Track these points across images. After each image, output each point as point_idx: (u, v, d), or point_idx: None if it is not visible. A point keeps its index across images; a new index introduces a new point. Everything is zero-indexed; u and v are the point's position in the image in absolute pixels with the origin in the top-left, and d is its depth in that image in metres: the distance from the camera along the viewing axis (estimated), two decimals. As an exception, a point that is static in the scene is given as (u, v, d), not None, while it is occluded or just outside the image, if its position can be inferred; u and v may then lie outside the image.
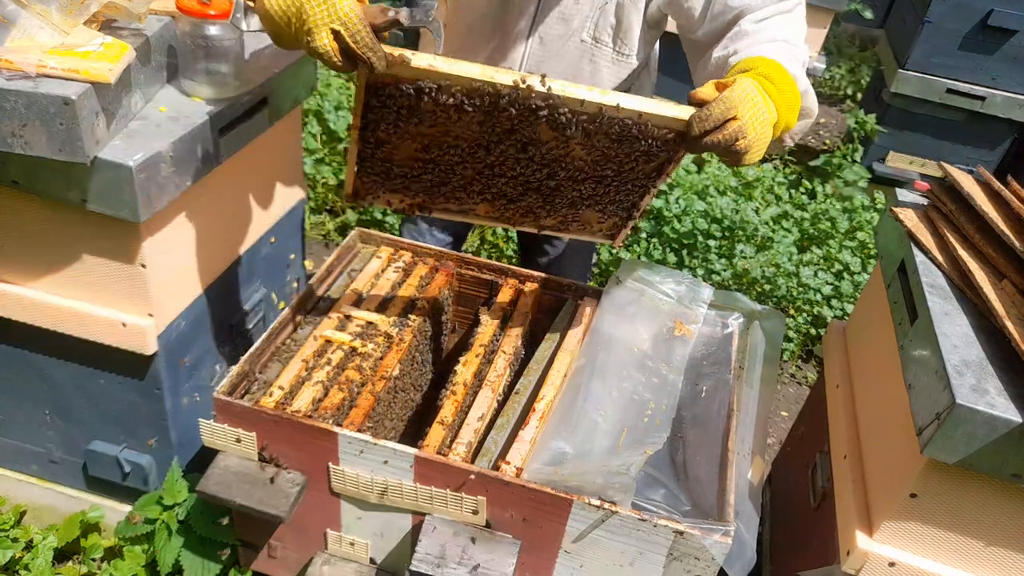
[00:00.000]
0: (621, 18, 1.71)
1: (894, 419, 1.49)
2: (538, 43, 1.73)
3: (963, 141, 4.05)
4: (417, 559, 1.43)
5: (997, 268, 1.49)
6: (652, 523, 1.38)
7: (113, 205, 1.44)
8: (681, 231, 3.36)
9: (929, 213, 1.72)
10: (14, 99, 1.31)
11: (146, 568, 1.84)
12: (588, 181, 1.50)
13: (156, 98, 1.61)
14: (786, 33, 1.51)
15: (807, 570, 1.62)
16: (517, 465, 1.47)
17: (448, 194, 1.53)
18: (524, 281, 1.98)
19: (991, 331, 1.39)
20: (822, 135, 5.39)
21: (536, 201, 1.55)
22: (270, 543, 1.73)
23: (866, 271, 3.41)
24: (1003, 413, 1.21)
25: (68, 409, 1.81)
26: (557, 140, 1.39)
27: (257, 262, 2.01)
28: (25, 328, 1.67)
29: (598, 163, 1.45)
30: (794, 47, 1.48)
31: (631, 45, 1.75)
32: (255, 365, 1.66)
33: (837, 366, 1.91)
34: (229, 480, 1.54)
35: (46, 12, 1.38)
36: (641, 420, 1.56)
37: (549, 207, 1.56)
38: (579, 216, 1.60)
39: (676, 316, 1.82)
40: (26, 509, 2.00)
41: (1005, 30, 3.70)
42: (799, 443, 2.10)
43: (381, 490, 1.51)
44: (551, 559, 1.50)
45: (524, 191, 1.52)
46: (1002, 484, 1.29)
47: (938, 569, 1.41)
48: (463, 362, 1.74)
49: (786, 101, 1.36)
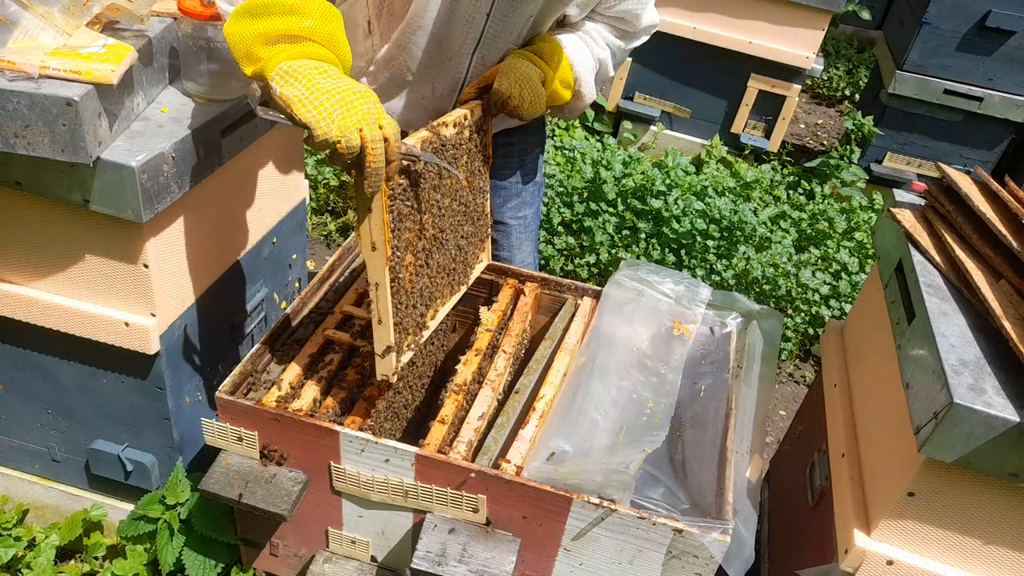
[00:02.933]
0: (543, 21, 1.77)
1: (892, 418, 1.50)
2: (480, 62, 1.76)
3: (961, 142, 4.07)
4: (418, 557, 1.43)
5: (994, 268, 1.50)
6: (651, 521, 1.39)
7: (115, 205, 1.44)
8: (680, 231, 3.37)
9: (927, 213, 1.73)
10: (17, 100, 1.32)
11: (148, 567, 1.85)
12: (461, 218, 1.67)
13: (158, 99, 1.61)
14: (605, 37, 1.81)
15: (805, 568, 1.62)
16: (517, 463, 1.48)
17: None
18: (524, 281, 1.99)
19: (988, 331, 1.40)
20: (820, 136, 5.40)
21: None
22: (272, 541, 1.74)
23: (864, 271, 3.42)
24: (1000, 412, 1.22)
25: (71, 408, 1.82)
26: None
27: (259, 262, 2.02)
28: (28, 328, 1.68)
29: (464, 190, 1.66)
30: (599, 47, 1.79)
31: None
32: (257, 364, 1.67)
33: (835, 365, 1.92)
34: (231, 479, 1.55)
35: (48, 14, 1.39)
36: (640, 419, 1.57)
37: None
38: (467, 259, 1.75)
39: (675, 316, 1.83)
40: (28, 508, 2.01)
41: (1003, 31, 3.72)
42: (797, 442, 2.10)
43: (382, 488, 1.52)
44: (551, 557, 1.51)
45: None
46: (1000, 483, 1.30)
47: (936, 567, 1.41)
48: (463, 361, 1.75)
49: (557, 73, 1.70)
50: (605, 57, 1.82)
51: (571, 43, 1.76)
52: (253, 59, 1.25)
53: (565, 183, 3.60)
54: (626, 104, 4.40)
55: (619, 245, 3.42)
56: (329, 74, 1.25)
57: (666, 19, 4.08)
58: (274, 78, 1.24)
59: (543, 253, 3.41)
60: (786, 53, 4.05)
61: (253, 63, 1.25)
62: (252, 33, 1.24)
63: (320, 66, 1.26)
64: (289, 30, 1.25)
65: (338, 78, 1.26)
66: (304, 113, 1.20)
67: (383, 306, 1.41)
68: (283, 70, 1.24)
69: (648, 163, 3.82)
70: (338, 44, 1.30)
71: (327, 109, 1.20)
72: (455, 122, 1.59)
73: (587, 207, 3.50)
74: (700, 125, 4.43)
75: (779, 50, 4.05)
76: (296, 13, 1.25)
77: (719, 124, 4.39)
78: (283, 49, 1.25)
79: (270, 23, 1.24)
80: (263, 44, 1.24)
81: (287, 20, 1.25)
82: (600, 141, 4.13)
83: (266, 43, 1.25)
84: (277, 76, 1.24)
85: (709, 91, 4.31)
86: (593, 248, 3.39)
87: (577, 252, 3.43)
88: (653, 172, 3.67)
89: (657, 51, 4.17)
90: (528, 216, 2.15)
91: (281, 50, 1.25)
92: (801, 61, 4.05)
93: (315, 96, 1.21)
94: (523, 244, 2.17)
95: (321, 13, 1.28)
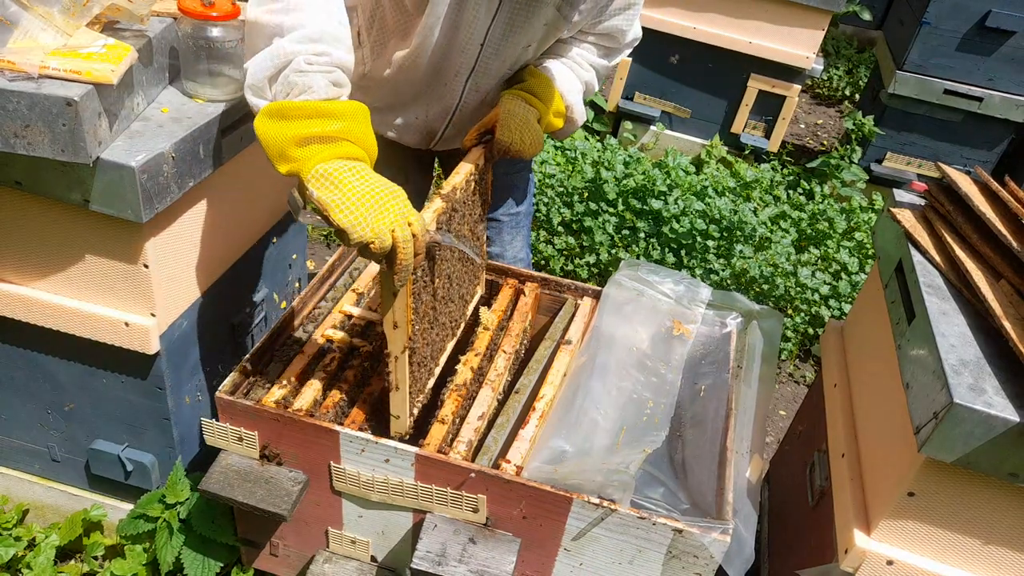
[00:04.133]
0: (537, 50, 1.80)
1: (892, 418, 1.50)
2: (473, 89, 1.80)
3: (961, 142, 4.07)
4: (418, 557, 1.43)
5: (994, 268, 1.50)
6: (651, 521, 1.39)
7: (115, 205, 1.44)
8: (680, 231, 3.37)
9: (927, 213, 1.73)
10: (16, 100, 1.32)
11: (147, 567, 1.84)
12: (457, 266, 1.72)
13: (158, 99, 1.61)
14: (589, 60, 1.86)
15: (805, 568, 1.63)
16: (517, 463, 1.48)
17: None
18: (524, 281, 1.99)
19: (988, 331, 1.40)
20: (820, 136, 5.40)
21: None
22: (272, 541, 1.74)
23: (864, 271, 3.42)
24: (1000, 412, 1.22)
25: (71, 408, 1.82)
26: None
27: (259, 262, 2.02)
28: (28, 328, 1.68)
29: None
30: (584, 70, 1.85)
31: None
32: (257, 364, 1.67)
33: (835, 365, 1.92)
34: (231, 479, 1.55)
35: (48, 14, 1.38)
36: (640, 419, 1.57)
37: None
38: (465, 300, 1.80)
39: (675, 316, 1.83)
40: (28, 508, 2.01)
41: (1003, 31, 3.72)
42: (797, 442, 2.10)
43: (382, 488, 1.52)
44: (551, 557, 1.51)
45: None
46: (1000, 483, 1.30)
47: (936, 567, 1.41)
48: (463, 361, 1.75)
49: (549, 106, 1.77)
50: (591, 78, 1.88)
51: (559, 72, 1.81)
52: (287, 159, 1.27)
53: (565, 183, 3.60)
54: (626, 104, 4.40)
55: (619, 245, 3.42)
56: (361, 175, 1.28)
57: (666, 19, 4.08)
58: (310, 181, 1.27)
59: (543, 253, 3.42)
60: (786, 53, 4.05)
61: (287, 163, 1.28)
62: (285, 136, 1.26)
63: (353, 167, 1.29)
64: (322, 132, 1.28)
65: (369, 179, 1.29)
66: (341, 219, 1.24)
67: (401, 375, 1.47)
68: (318, 174, 1.27)
69: (648, 163, 3.83)
70: (367, 140, 1.34)
71: (362, 214, 1.25)
72: (464, 183, 1.65)
73: (587, 207, 3.51)
74: (700, 125, 4.43)
75: (779, 50, 4.05)
76: (328, 116, 1.28)
77: (719, 124, 4.39)
78: (317, 151, 1.27)
79: (303, 126, 1.26)
80: (296, 146, 1.27)
81: (319, 123, 1.27)
82: (600, 141, 4.13)
83: (299, 145, 1.27)
84: (313, 180, 1.27)
85: (709, 91, 4.32)
86: (593, 248, 3.39)
87: (577, 252, 3.44)
88: (654, 172, 3.67)
89: (657, 51, 4.18)
90: (520, 212, 2.17)
91: (315, 152, 1.27)
92: (801, 61, 4.05)
93: (350, 202, 1.24)
94: (515, 239, 2.20)
95: (351, 113, 1.32)
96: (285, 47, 1.29)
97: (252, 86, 1.32)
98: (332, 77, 1.33)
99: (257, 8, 1.32)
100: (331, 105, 1.29)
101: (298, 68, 1.28)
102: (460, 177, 1.64)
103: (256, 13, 1.32)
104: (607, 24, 1.79)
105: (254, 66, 1.31)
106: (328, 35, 1.33)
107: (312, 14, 1.32)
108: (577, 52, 1.85)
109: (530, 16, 1.64)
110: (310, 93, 1.29)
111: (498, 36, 1.67)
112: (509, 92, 1.75)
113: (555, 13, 1.67)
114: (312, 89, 1.29)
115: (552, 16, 1.67)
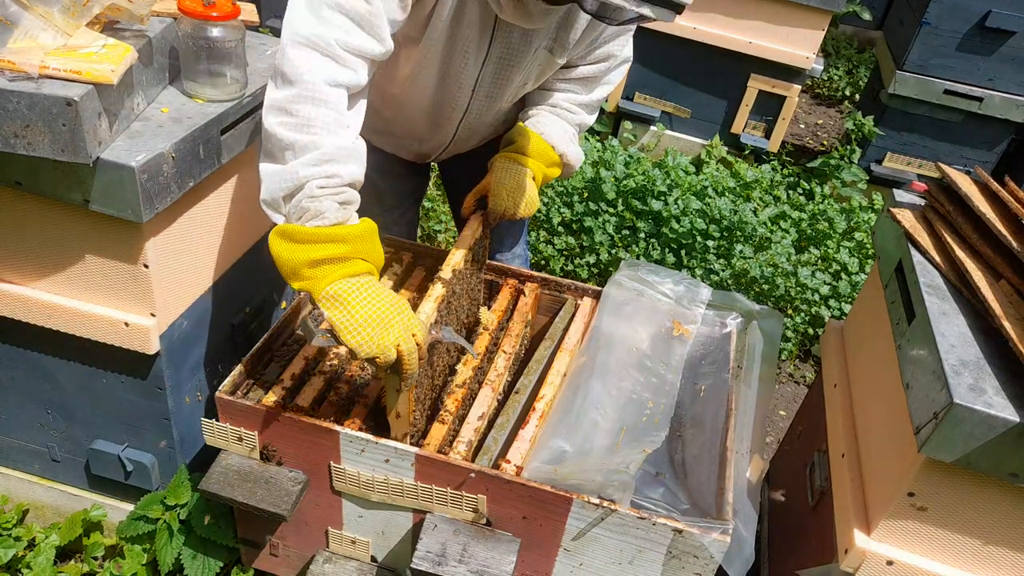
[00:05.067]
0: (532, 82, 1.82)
1: (892, 418, 1.50)
2: (468, 124, 1.84)
3: (961, 142, 4.07)
4: (418, 557, 1.43)
5: (994, 268, 1.50)
6: (651, 521, 1.39)
7: (115, 205, 1.44)
8: (680, 231, 3.37)
9: (927, 214, 1.73)
10: (16, 100, 1.32)
11: (147, 567, 1.84)
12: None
13: (158, 99, 1.61)
14: (574, 100, 1.87)
15: (805, 568, 1.63)
16: (517, 464, 1.48)
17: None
18: (524, 281, 1.99)
19: (988, 331, 1.40)
20: (820, 136, 5.40)
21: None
22: (272, 541, 1.74)
23: (864, 271, 3.42)
24: (1001, 412, 1.22)
25: (71, 408, 1.82)
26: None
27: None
28: (28, 328, 1.68)
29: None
30: (573, 114, 1.87)
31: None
32: (257, 364, 1.67)
33: (835, 365, 1.92)
34: (231, 479, 1.55)
35: (48, 14, 1.38)
36: (640, 419, 1.57)
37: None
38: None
39: (675, 316, 1.83)
40: (28, 508, 2.01)
41: (1003, 31, 3.71)
42: (797, 442, 2.10)
43: (382, 488, 1.52)
44: (551, 557, 1.51)
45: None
46: (1000, 483, 1.30)
47: (936, 567, 1.41)
48: (463, 361, 1.75)
49: (542, 161, 1.82)
50: (582, 119, 1.90)
51: (548, 123, 1.83)
52: (300, 278, 1.35)
53: (565, 183, 3.60)
54: (626, 104, 4.40)
55: (619, 245, 3.42)
56: (367, 292, 1.36)
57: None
58: (322, 301, 1.35)
59: (543, 253, 3.42)
60: (786, 53, 4.05)
61: (300, 281, 1.35)
62: (298, 259, 1.33)
63: (360, 284, 1.36)
64: (332, 255, 1.34)
65: (375, 295, 1.36)
66: (349, 340, 1.34)
67: (399, 433, 1.52)
68: (328, 295, 1.35)
69: (648, 163, 3.83)
70: (375, 255, 1.41)
71: (368, 335, 1.34)
72: (463, 262, 1.73)
73: (587, 207, 3.51)
74: (700, 125, 4.43)
75: (779, 50, 4.05)
76: (337, 240, 1.35)
77: (719, 124, 4.39)
78: (327, 272, 1.34)
79: (314, 250, 1.33)
80: (307, 267, 1.34)
81: (330, 248, 1.34)
82: (601, 142, 4.13)
83: (310, 267, 1.34)
84: (324, 300, 1.35)
85: (709, 91, 4.31)
86: (593, 248, 3.39)
87: (577, 252, 3.44)
88: (654, 172, 3.67)
89: (657, 51, 4.18)
90: None
91: (325, 274, 1.34)
92: (801, 61, 4.05)
93: (357, 323, 1.34)
94: (514, 239, 2.23)
95: (358, 234, 1.38)
96: (299, 171, 1.33)
97: (267, 201, 1.37)
98: (342, 197, 1.37)
99: (272, 119, 1.35)
100: (341, 230, 1.35)
101: (310, 194, 1.33)
102: (459, 257, 1.71)
103: (271, 124, 1.35)
104: (599, 51, 1.79)
105: (268, 181, 1.35)
106: (341, 152, 1.36)
107: (325, 133, 1.34)
108: (562, 97, 1.86)
109: (520, 62, 1.68)
110: (321, 219, 1.34)
111: (488, 83, 1.71)
112: (500, 156, 1.81)
113: (546, 55, 1.69)
114: (323, 215, 1.34)
115: (544, 58, 1.69)
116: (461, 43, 1.59)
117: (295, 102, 1.32)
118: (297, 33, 1.32)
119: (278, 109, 1.33)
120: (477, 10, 1.54)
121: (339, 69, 1.34)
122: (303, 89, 1.31)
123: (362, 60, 1.38)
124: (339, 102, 1.35)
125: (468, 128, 1.84)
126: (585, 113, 1.90)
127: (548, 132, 1.82)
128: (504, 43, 1.62)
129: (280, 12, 4.26)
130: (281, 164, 1.34)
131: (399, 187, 2.11)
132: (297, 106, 1.32)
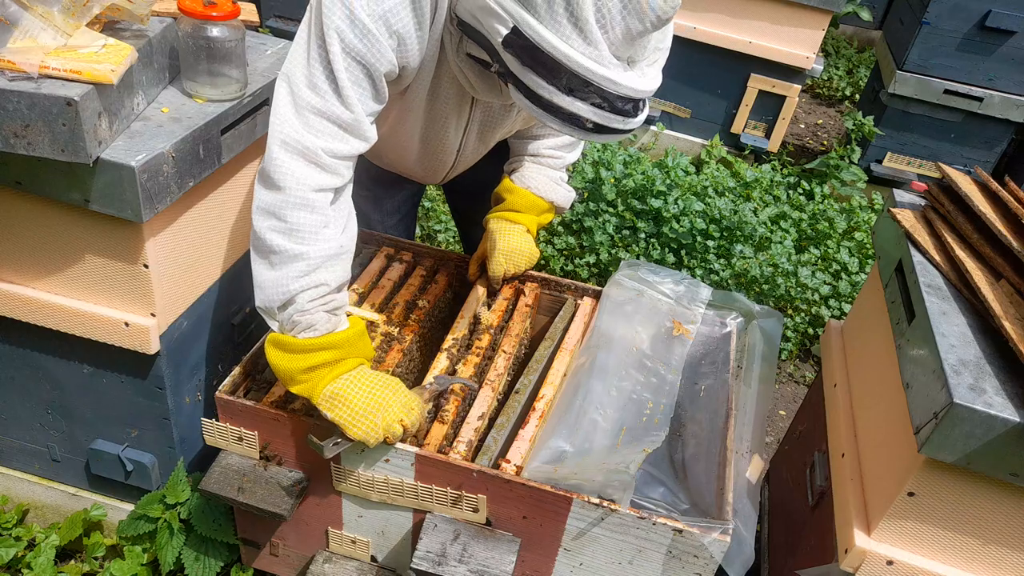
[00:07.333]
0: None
1: (892, 418, 1.50)
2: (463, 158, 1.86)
3: (960, 142, 4.06)
4: (418, 557, 1.43)
5: (994, 268, 1.50)
6: (651, 521, 1.39)
7: (115, 205, 1.44)
8: (680, 231, 3.37)
9: (927, 213, 1.73)
10: (16, 100, 1.32)
11: (147, 567, 1.85)
12: None
13: (158, 99, 1.61)
14: (558, 142, 1.92)
15: (805, 568, 1.63)
16: (517, 463, 1.48)
17: None
18: (524, 281, 1.99)
19: (988, 331, 1.40)
20: (820, 136, 5.40)
21: None
22: (272, 541, 1.74)
23: (864, 271, 3.42)
24: (1001, 412, 1.22)
25: (71, 408, 1.82)
26: None
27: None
28: (28, 328, 1.68)
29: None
30: (556, 159, 1.93)
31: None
32: (257, 364, 1.67)
33: (835, 365, 1.92)
34: (231, 478, 1.55)
35: (48, 14, 1.38)
36: (640, 419, 1.57)
37: None
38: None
39: (675, 316, 1.83)
40: (28, 508, 2.01)
41: (1003, 31, 3.71)
42: (797, 442, 2.10)
43: (382, 488, 1.52)
44: (551, 557, 1.51)
45: None
46: (1000, 483, 1.30)
47: (936, 567, 1.41)
48: (463, 362, 1.75)
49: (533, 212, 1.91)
50: (564, 161, 1.95)
51: (534, 175, 1.90)
52: (296, 383, 1.43)
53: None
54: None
55: (619, 245, 3.42)
56: (362, 383, 1.44)
57: (666, 19, 4.07)
58: (321, 404, 1.43)
59: (543, 253, 3.42)
60: (786, 53, 4.05)
61: (297, 385, 1.43)
62: (294, 368, 1.41)
63: (353, 377, 1.45)
64: (324, 361, 1.42)
65: (370, 384, 1.45)
66: (355, 433, 1.42)
67: None
68: (326, 396, 1.43)
69: (648, 163, 3.82)
70: (365, 352, 1.49)
71: (372, 421, 1.42)
72: (467, 330, 1.82)
73: (587, 207, 3.50)
74: (700, 125, 4.43)
75: (779, 50, 4.05)
76: (328, 348, 1.42)
77: (719, 124, 4.39)
78: (322, 376, 1.42)
79: (308, 359, 1.41)
80: (302, 373, 1.42)
81: (322, 355, 1.42)
82: (600, 141, 4.13)
83: (305, 372, 1.42)
84: (323, 403, 1.43)
85: (709, 91, 4.31)
86: (593, 248, 3.39)
87: (577, 252, 3.44)
88: (653, 172, 3.67)
89: (657, 51, 4.17)
90: None
91: (321, 378, 1.42)
92: (801, 61, 4.05)
93: (358, 417, 1.42)
94: None
95: (349, 339, 1.45)
96: (289, 285, 1.38)
97: (262, 309, 1.43)
98: (331, 306, 1.43)
99: (262, 222, 1.38)
100: (331, 338, 1.43)
101: (301, 308, 1.39)
102: (462, 326, 1.81)
103: (261, 227, 1.38)
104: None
105: (261, 291, 1.41)
106: (329, 259, 1.41)
107: (312, 239, 1.38)
108: (544, 145, 1.91)
109: (503, 122, 1.72)
110: (312, 331, 1.41)
111: (473, 140, 1.74)
112: (493, 217, 1.91)
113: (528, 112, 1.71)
114: (314, 327, 1.41)
115: (528, 113, 1.70)
116: (440, 114, 1.63)
117: (283, 207, 1.36)
118: (286, 135, 1.35)
119: (267, 212, 1.37)
120: (453, 87, 1.56)
121: (325, 176, 1.38)
122: (289, 196, 1.36)
123: (348, 162, 1.42)
124: (324, 205, 1.39)
125: (464, 163, 1.87)
126: (567, 154, 1.94)
127: (534, 185, 1.90)
128: (485, 110, 1.67)
129: (280, 12, 4.26)
130: (272, 271, 1.39)
131: (397, 194, 2.11)
132: (285, 211, 1.36)
